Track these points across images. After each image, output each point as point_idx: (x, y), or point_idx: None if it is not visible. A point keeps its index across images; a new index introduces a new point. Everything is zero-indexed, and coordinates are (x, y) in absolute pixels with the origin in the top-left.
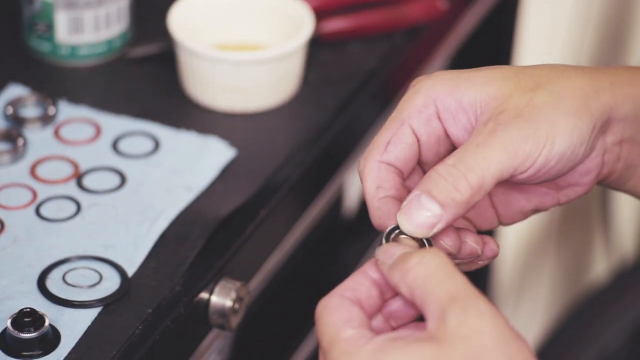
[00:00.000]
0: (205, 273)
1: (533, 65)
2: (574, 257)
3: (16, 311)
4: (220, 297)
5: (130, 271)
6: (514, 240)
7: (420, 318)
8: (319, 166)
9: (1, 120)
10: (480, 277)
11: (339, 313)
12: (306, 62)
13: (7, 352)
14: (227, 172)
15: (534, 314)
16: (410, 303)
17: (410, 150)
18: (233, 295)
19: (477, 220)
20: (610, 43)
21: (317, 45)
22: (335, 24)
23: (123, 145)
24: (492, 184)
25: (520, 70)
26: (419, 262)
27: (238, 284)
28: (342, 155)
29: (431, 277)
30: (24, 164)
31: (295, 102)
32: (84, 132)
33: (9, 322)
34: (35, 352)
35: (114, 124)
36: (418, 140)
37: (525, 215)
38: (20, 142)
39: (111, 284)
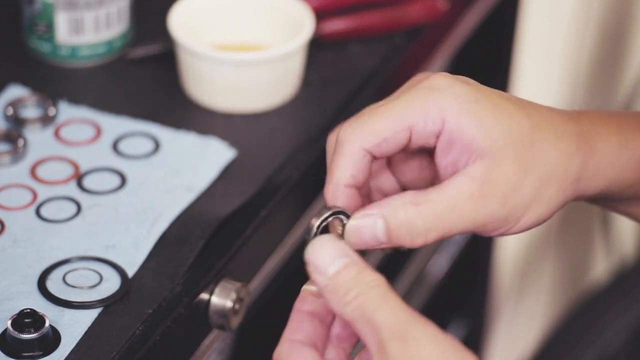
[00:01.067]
0: (205, 274)
1: (538, 135)
2: (574, 258)
3: (16, 312)
4: (221, 298)
5: (131, 272)
6: (514, 241)
7: None
8: (319, 167)
9: (1, 121)
10: (480, 278)
11: None
12: (306, 63)
13: (8, 353)
14: (227, 173)
15: (534, 315)
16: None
17: (397, 150)
18: (233, 295)
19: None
20: (611, 43)
21: (317, 46)
22: (336, 25)
23: (123, 146)
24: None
25: (525, 133)
26: (356, 296)
27: (238, 284)
28: None
29: (367, 309)
30: (24, 165)
31: (295, 103)
32: (84, 132)
33: (9, 322)
34: (35, 353)
35: (114, 124)
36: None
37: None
38: (20, 142)
39: (111, 284)
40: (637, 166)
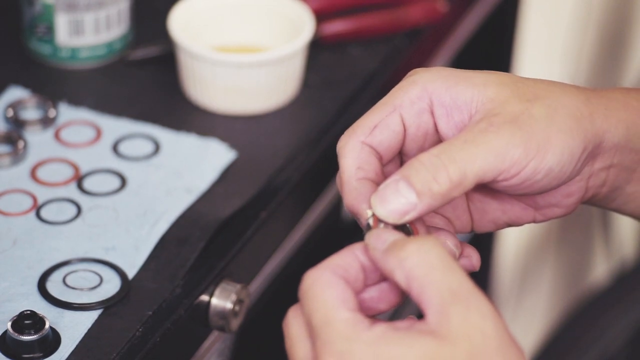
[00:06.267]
0: (205, 275)
1: (532, 78)
2: (574, 259)
3: (16, 313)
4: (221, 300)
5: (131, 273)
6: (514, 242)
7: (392, 317)
8: (320, 168)
9: (1, 123)
10: (480, 279)
11: (334, 291)
12: (306, 64)
13: (8, 355)
14: (227, 174)
15: (534, 316)
16: (385, 296)
17: (396, 138)
18: (233, 297)
19: (454, 222)
20: (611, 45)
21: (317, 48)
22: (336, 26)
23: (123, 148)
24: (472, 182)
25: (519, 79)
26: (417, 249)
27: (238, 286)
28: None
29: (431, 267)
30: (25, 167)
31: (295, 105)
32: (84, 134)
33: (9, 324)
34: (35, 355)
35: (114, 126)
36: (405, 131)
37: (497, 226)
38: (20, 144)
39: (111, 286)
40: None
